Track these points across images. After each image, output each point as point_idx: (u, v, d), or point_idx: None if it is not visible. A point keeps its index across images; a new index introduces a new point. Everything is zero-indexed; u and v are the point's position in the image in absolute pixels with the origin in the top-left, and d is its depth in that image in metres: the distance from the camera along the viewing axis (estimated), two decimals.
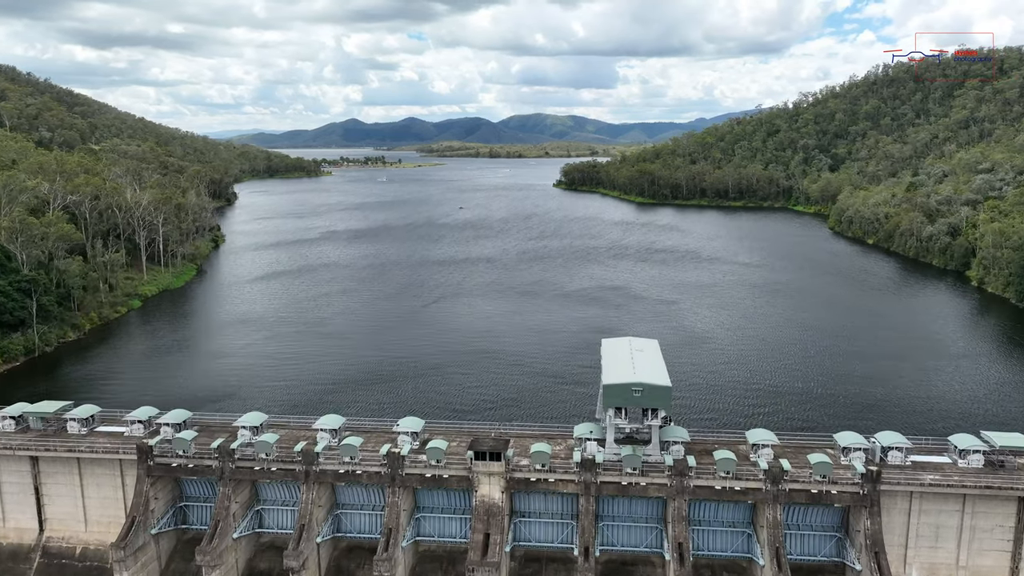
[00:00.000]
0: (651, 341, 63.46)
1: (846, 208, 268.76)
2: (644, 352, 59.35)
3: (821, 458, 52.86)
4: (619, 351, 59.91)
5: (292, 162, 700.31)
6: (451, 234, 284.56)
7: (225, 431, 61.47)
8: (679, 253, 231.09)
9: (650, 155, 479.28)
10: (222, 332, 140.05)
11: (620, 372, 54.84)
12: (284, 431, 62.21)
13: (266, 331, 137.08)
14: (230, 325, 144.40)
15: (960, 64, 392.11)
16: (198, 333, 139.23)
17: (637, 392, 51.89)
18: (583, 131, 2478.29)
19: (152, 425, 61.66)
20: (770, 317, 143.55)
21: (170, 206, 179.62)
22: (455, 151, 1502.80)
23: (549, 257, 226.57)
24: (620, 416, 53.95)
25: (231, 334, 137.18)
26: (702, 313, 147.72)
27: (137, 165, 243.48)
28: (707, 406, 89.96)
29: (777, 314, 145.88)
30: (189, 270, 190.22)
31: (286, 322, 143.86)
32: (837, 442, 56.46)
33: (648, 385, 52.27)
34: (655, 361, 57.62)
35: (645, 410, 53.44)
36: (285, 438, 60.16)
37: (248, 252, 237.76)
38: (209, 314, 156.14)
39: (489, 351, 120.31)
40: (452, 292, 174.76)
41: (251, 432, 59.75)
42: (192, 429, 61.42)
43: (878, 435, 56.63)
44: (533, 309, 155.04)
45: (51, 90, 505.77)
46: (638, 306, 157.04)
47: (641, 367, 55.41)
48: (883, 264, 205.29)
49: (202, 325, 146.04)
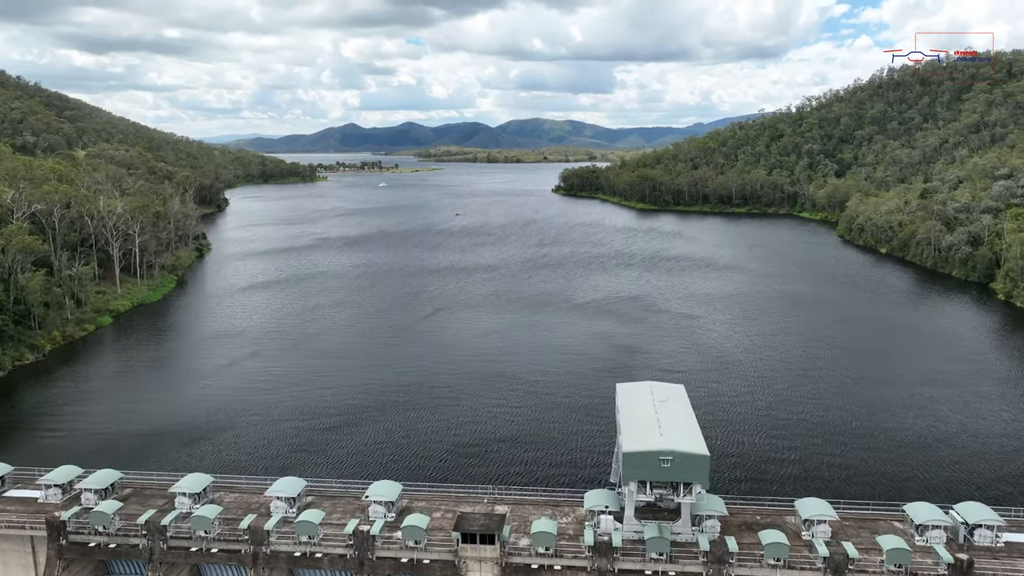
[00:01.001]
0: (676, 387, 52.64)
1: (856, 215, 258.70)
2: (669, 404, 48.51)
3: (895, 542, 42.28)
4: (639, 403, 48.96)
5: (287, 167, 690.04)
6: (449, 241, 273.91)
7: (161, 497, 50.77)
8: (689, 261, 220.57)
9: (651, 160, 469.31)
10: (195, 352, 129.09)
11: (643, 434, 44.06)
12: (233, 496, 51.51)
13: (245, 349, 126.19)
14: (206, 344, 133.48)
15: (967, 67, 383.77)
16: (169, 353, 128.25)
17: (666, 462, 41.30)
18: (581, 136, 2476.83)
19: (72, 489, 50.92)
20: (794, 334, 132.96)
21: (148, 214, 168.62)
22: (453, 156, 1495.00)
23: (554, 265, 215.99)
24: (644, 490, 43.27)
25: (205, 354, 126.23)
26: (722, 329, 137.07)
27: (118, 171, 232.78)
28: (735, 450, 78.99)
29: (801, 331, 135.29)
30: (168, 282, 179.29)
31: (268, 339, 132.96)
32: (909, 516, 45.89)
33: (680, 454, 41.66)
34: (685, 418, 46.80)
35: (675, 483, 42.78)
36: (233, 506, 49.47)
37: (235, 261, 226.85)
38: (185, 331, 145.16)
39: (490, 376, 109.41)
40: (451, 304, 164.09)
41: (191, 500, 49.01)
42: (121, 494, 50.76)
43: (959, 507, 46.11)
44: (541, 324, 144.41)
45: (41, 94, 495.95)
46: (655, 319, 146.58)
47: (669, 427, 44.64)
48: (900, 275, 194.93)
49: (175, 344, 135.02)
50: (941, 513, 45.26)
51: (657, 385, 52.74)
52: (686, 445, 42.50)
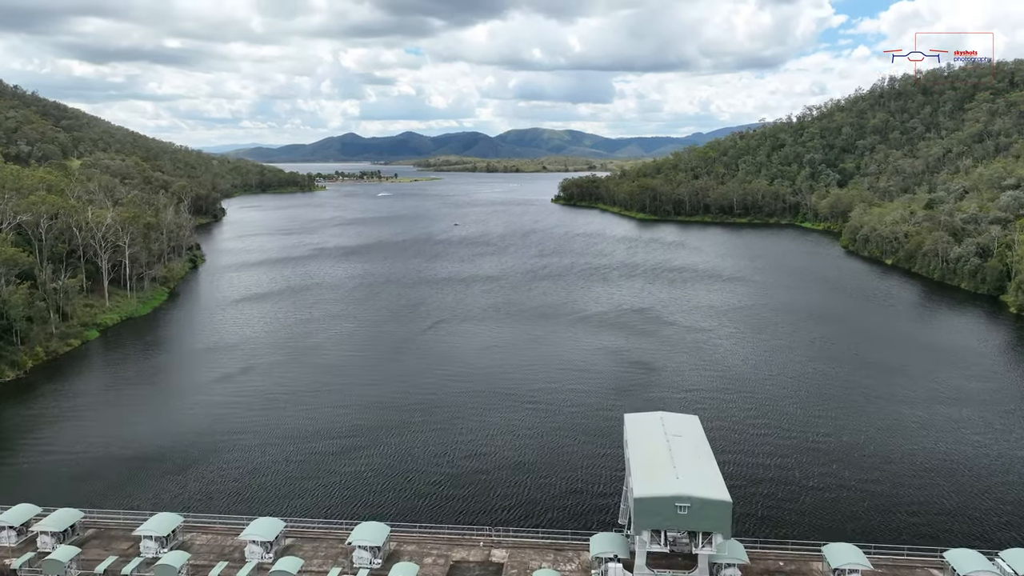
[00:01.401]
0: (690, 419, 48.17)
1: (860, 226, 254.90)
2: (684, 439, 44.02)
3: None
4: (650, 438, 44.38)
5: (285, 176, 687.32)
6: (450, 251, 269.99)
7: (126, 539, 46.33)
8: (694, 272, 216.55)
9: (651, 170, 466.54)
10: (184, 367, 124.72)
11: (656, 476, 39.63)
12: (206, 538, 47.08)
13: (236, 365, 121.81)
14: (195, 358, 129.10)
15: (969, 76, 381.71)
16: (156, 369, 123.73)
17: (683, 509, 36.95)
18: (580, 145, 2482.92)
19: (27, 531, 46.46)
20: (803, 349, 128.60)
21: (138, 225, 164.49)
22: (452, 165, 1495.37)
23: (556, 276, 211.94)
24: (657, 540, 38.84)
25: (194, 370, 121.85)
26: (729, 344, 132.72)
27: (111, 181, 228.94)
28: (749, 479, 74.25)
29: (810, 345, 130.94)
30: (159, 295, 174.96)
31: (260, 354, 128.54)
32: (950, 564, 41.50)
33: (699, 500, 37.31)
34: (702, 455, 42.31)
35: (693, 532, 38.39)
36: (204, 551, 45.04)
37: (229, 272, 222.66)
38: (174, 345, 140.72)
39: (489, 394, 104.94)
40: (450, 316, 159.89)
41: (157, 544, 44.57)
42: (82, 536, 46.32)
43: (1005, 554, 41.75)
44: (543, 337, 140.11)
45: (38, 103, 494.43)
46: (661, 333, 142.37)
47: (685, 468, 40.20)
48: (908, 287, 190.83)
49: (163, 359, 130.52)
50: (986, 562, 40.88)
51: (669, 416, 48.29)
52: (706, 489, 38.13)
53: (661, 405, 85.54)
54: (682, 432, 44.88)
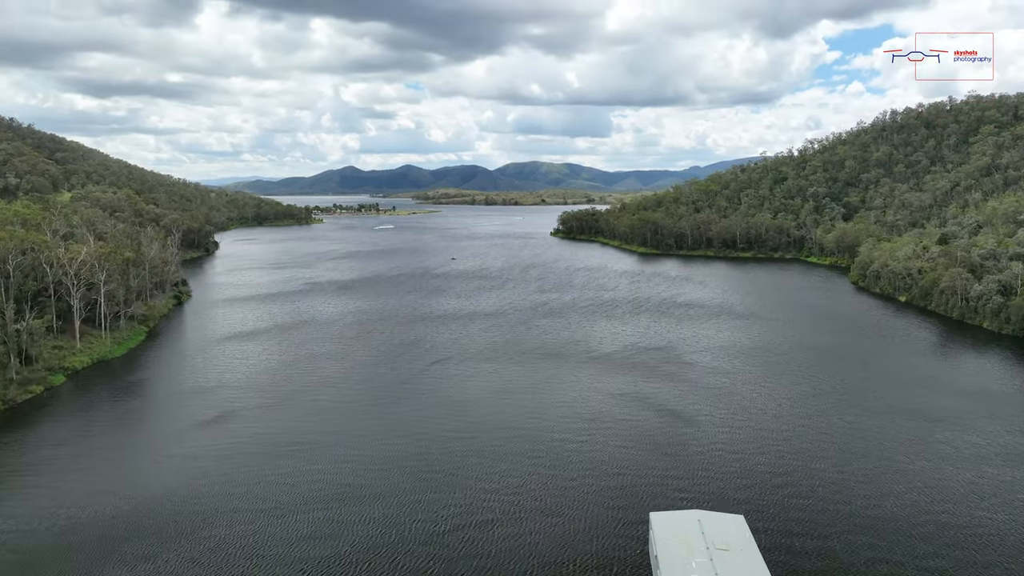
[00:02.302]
0: (735, 520, 38.52)
1: (870, 261, 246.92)
2: (731, 554, 34.14)
3: None
4: (686, 549, 34.45)
5: (282, 209, 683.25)
6: (448, 286, 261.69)
7: None
8: (703, 308, 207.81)
9: (651, 203, 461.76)
10: (156, 415, 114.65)
11: None
12: None
13: (215, 410, 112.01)
14: (170, 404, 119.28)
15: (972, 110, 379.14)
16: (124, 417, 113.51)
17: None
18: (578, 178, 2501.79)
19: None
20: (828, 396, 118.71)
21: (116, 261, 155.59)
22: (451, 198, 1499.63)
23: (563, 312, 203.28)
24: None
25: (167, 418, 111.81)
26: (755, 390, 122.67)
27: (94, 214, 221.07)
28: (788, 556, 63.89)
29: (834, 391, 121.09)
30: (137, 334, 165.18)
31: (243, 397, 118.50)
32: None
33: None
34: None
35: None
36: None
37: (216, 309, 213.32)
38: (148, 389, 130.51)
39: (493, 452, 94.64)
40: (450, 355, 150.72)
41: None
42: None
43: None
44: (552, 380, 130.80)
45: (33, 136, 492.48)
46: (682, 375, 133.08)
47: None
48: (926, 326, 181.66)
49: (134, 405, 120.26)
50: None
51: (708, 518, 38.44)
52: None
53: (685, 474, 75.59)
54: (728, 542, 35.07)
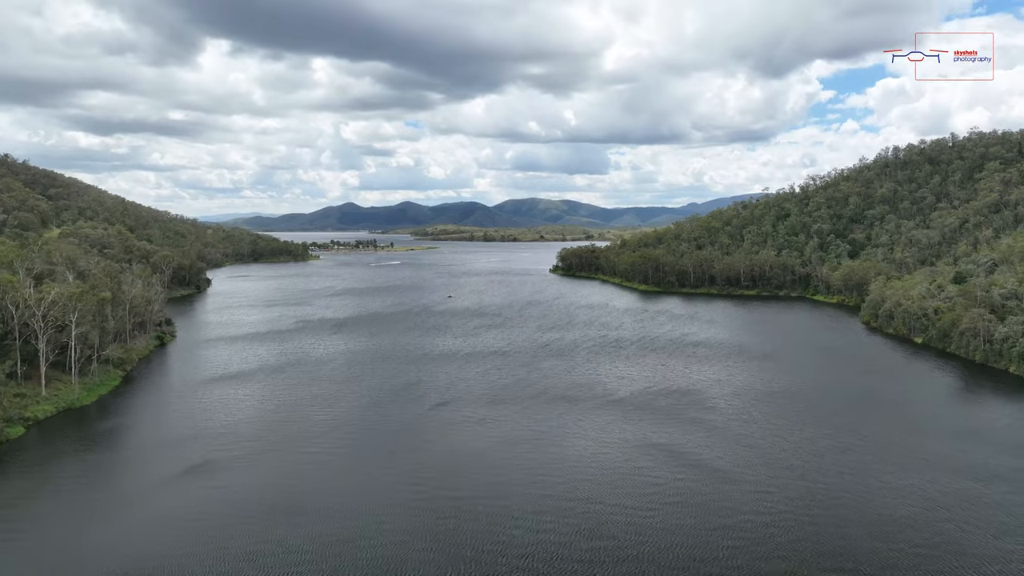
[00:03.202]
0: None
1: (882, 300, 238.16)
2: None
3: None
4: None
5: (279, 245, 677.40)
6: (447, 324, 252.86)
7: None
8: (714, 348, 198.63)
9: (652, 240, 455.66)
10: (124, 469, 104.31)
11: None
12: None
13: (189, 461, 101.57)
14: (142, 456, 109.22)
15: (976, 146, 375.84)
16: (87, 473, 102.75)
17: None
18: (577, 215, 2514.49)
19: None
20: (869, 451, 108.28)
21: (89, 302, 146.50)
22: (450, 234, 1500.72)
23: (568, 352, 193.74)
24: None
25: (136, 472, 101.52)
26: (785, 444, 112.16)
27: (75, 251, 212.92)
28: None
29: (868, 446, 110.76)
30: (111, 379, 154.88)
31: (223, 447, 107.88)
32: None
33: None
34: None
35: None
36: None
37: (201, 350, 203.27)
38: (118, 440, 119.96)
39: (495, 529, 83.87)
40: (452, 397, 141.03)
41: None
42: None
43: None
44: (562, 427, 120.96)
45: (27, 172, 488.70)
46: (708, 422, 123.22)
47: None
48: (948, 370, 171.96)
49: (100, 459, 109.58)
50: None
51: None
52: None
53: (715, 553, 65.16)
54: None
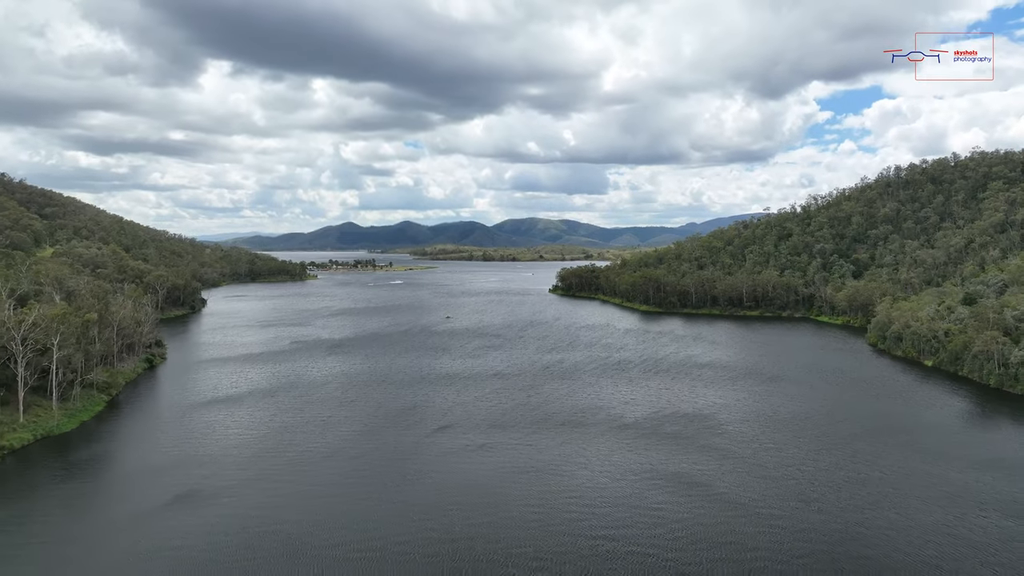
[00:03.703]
0: None
1: (889, 322, 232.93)
2: None
3: None
4: None
5: (276, 265, 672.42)
6: (447, 344, 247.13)
7: None
8: (725, 370, 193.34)
9: (652, 259, 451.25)
10: (104, 500, 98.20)
11: None
12: None
13: (174, 491, 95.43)
14: (123, 486, 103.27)
15: (979, 166, 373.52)
16: (64, 505, 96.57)
17: None
18: (576, 235, 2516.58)
19: None
20: (896, 482, 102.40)
21: (72, 324, 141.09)
22: (449, 254, 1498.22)
23: (573, 374, 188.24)
24: None
25: (102, 510, 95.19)
26: (805, 472, 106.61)
27: (63, 271, 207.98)
28: None
29: (889, 478, 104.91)
30: (95, 404, 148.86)
31: (211, 475, 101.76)
32: None
33: None
34: None
35: None
36: None
37: (192, 372, 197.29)
38: (99, 469, 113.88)
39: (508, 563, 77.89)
40: (454, 421, 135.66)
41: None
42: None
43: None
44: (579, 455, 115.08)
45: (23, 191, 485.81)
46: (720, 446, 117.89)
47: None
48: (963, 395, 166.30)
49: (78, 489, 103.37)
50: None
51: None
52: None
53: None
54: None
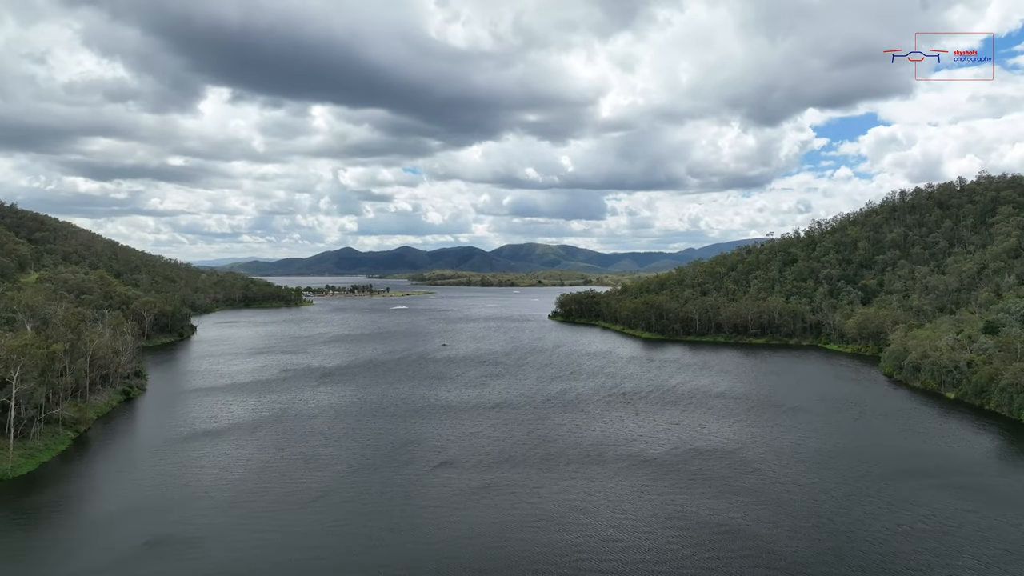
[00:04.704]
0: None
1: (905, 351, 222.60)
2: None
3: None
4: None
5: (271, 290, 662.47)
6: (445, 372, 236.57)
7: None
8: (739, 401, 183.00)
9: (654, 285, 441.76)
10: (45, 560, 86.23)
11: None
12: None
13: (140, 538, 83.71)
14: (71, 541, 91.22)
15: (986, 190, 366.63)
16: (12, 558, 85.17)
17: None
18: (574, 260, 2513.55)
19: None
20: (946, 531, 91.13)
21: (35, 356, 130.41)
22: (447, 279, 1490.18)
23: (581, 404, 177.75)
24: None
25: (59, 564, 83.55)
26: (855, 520, 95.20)
27: (39, 298, 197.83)
28: None
29: (944, 523, 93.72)
30: (58, 443, 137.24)
31: (188, 520, 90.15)
32: None
33: None
34: None
35: None
36: None
37: (172, 405, 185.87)
38: (49, 518, 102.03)
39: None
40: (457, 456, 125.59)
41: None
42: None
43: None
44: (600, 498, 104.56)
45: (14, 215, 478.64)
46: (752, 487, 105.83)
47: None
48: (994, 432, 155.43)
49: (13, 546, 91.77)
50: None
51: None
52: None
53: None
54: None
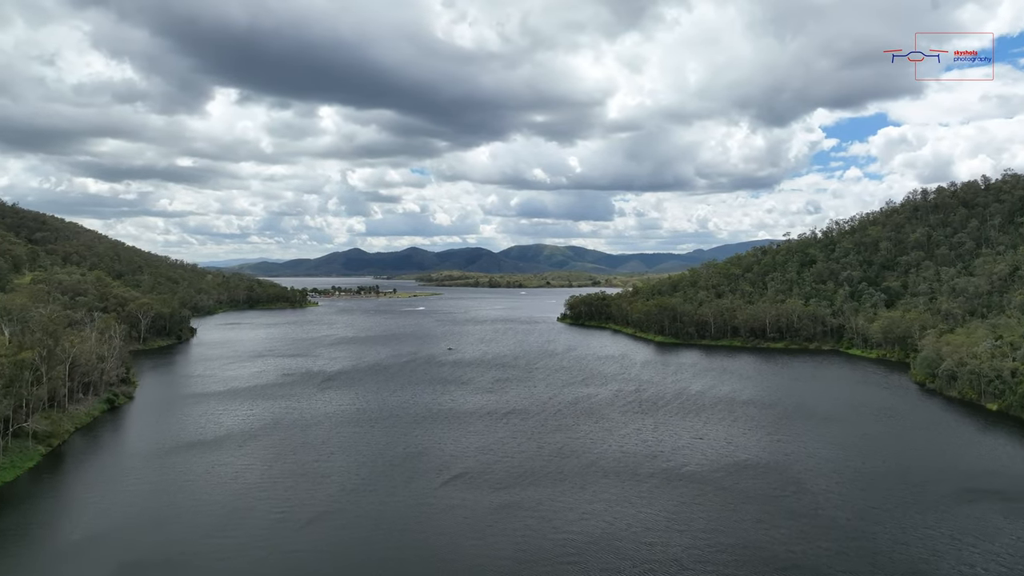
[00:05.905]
0: None
1: (939, 358, 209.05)
2: None
3: None
4: None
5: (276, 291, 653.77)
6: (454, 377, 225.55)
7: None
8: (769, 408, 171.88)
9: (667, 287, 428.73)
10: None
11: None
12: None
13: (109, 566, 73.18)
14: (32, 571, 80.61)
15: (1013, 188, 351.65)
16: None
17: None
18: (582, 261, 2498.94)
19: None
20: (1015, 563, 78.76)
21: (1, 365, 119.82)
22: (455, 280, 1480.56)
23: (602, 412, 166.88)
24: None
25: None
26: (932, 553, 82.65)
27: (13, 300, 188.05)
28: None
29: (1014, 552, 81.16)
30: (25, 459, 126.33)
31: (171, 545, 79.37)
32: None
33: None
34: None
35: None
36: None
37: (160, 414, 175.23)
38: (5, 548, 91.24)
39: None
40: (470, 471, 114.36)
41: None
42: None
43: None
44: (644, 521, 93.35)
45: (14, 215, 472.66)
46: (796, 506, 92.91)
47: None
48: None
49: None
50: None
51: None
52: None
53: None
54: None
